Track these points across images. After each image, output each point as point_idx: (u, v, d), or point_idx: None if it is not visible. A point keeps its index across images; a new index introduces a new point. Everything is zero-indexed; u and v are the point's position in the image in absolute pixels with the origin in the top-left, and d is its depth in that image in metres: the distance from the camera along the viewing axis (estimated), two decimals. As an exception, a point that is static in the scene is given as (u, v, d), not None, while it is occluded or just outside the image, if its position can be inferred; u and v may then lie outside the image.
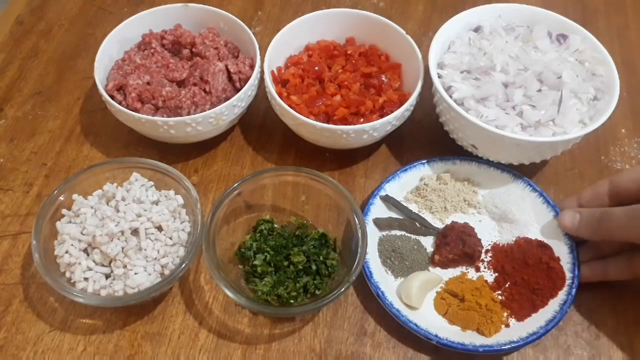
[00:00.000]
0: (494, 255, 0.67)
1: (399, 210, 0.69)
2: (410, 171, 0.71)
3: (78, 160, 0.76)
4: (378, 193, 0.69)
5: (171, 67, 0.75)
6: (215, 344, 0.62)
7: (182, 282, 0.65)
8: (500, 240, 0.68)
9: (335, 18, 0.79)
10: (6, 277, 0.65)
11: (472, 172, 0.72)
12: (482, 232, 0.68)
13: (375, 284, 0.62)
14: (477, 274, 0.66)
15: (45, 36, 0.90)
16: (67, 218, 0.63)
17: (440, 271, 0.66)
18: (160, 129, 0.68)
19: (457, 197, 0.70)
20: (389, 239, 0.66)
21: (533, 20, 0.77)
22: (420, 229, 0.68)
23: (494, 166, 0.71)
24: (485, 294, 0.63)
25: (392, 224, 0.68)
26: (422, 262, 0.66)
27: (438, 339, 0.58)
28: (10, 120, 0.80)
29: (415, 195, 0.71)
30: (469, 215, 0.70)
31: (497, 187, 0.71)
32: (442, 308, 0.63)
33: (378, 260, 0.65)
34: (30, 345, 0.61)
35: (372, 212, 0.67)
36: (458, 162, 0.72)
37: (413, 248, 0.66)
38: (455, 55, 0.74)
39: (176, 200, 0.65)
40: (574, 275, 0.63)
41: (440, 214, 0.70)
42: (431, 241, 0.68)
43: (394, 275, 0.65)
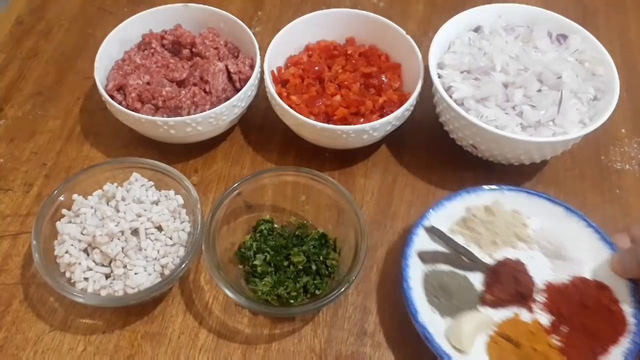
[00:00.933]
0: (549, 295, 0.62)
1: (444, 242, 0.64)
2: (455, 200, 0.66)
3: (78, 160, 0.76)
4: (422, 223, 0.64)
5: (171, 67, 0.75)
6: (215, 344, 0.62)
7: (182, 282, 0.65)
8: (554, 279, 0.63)
9: (335, 18, 0.79)
10: (6, 277, 0.65)
11: (521, 203, 0.67)
12: (533, 270, 0.63)
13: (422, 324, 0.57)
14: (530, 316, 0.61)
15: (45, 36, 0.90)
16: (67, 218, 0.63)
17: (490, 311, 0.61)
18: (160, 129, 0.68)
19: (506, 231, 0.65)
20: (435, 275, 0.62)
21: (533, 20, 0.77)
22: (467, 264, 0.63)
23: (544, 198, 0.66)
24: (541, 339, 0.58)
25: (438, 258, 0.63)
26: (471, 301, 0.61)
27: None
28: (10, 120, 0.80)
29: (462, 227, 0.66)
30: (519, 250, 0.65)
31: (548, 221, 0.66)
32: (495, 353, 0.58)
33: (424, 298, 0.60)
34: (30, 345, 0.61)
35: (415, 243, 0.62)
36: (506, 191, 0.67)
37: (461, 285, 0.62)
38: (455, 55, 0.74)
39: (176, 200, 0.65)
40: (638, 320, 0.58)
41: (489, 248, 0.65)
42: (479, 277, 0.63)
43: (440, 314, 0.60)
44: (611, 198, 0.74)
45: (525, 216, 0.66)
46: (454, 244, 0.64)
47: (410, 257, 0.61)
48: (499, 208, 0.66)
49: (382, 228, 0.70)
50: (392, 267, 0.67)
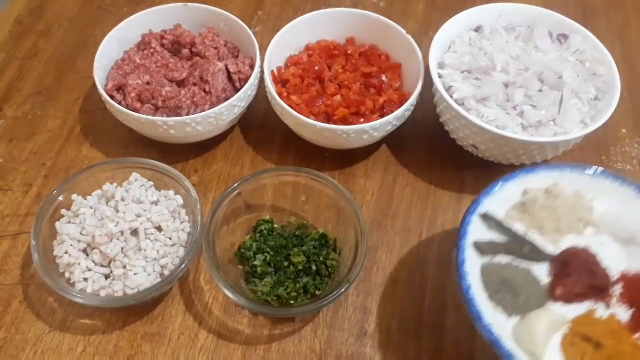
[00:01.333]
0: (626, 285, 0.55)
1: (501, 231, 0.58)
2: (512, 182, 0.59)
3: (77, 160, 0.76)
4: (476, 209, 0.57)
5: (171, 66, 0.75)
6: (215, 344, 0.61)
7: (181, 282, 0.65)
8: (630, 267, 0.56)
9: (335, 18, 0.79)
10: (5, 277, 0.65)
11: (584, 185, 0.60)
12: (605, 258, 0.57)
13: (487, 327, 0.49)
14: (607, 311, 0.54)
15: (44, 36, 0.90)
16: (66, 218, 0.63)
17: (561, 308, 0.54)
18: (159, 128, 0.68)
19: (571, 215, 0.59)
20: (494, 268, 0.55)
21: (533, 20, 0.76)
22: (529, 254, 0.57)
23: (612, 177, 0.60)
24: (624, 338, 0.51)
25: (497, 248, 0.56)
26: (539, 297, 0.54)
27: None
28: (9, 120, 0.79)
29: (520, 212, 0.60)
30: (586, 236, 0.58)
31: (617, 203, 0.59)
32: (574, 357, 0.51)
33: (484, 295, 0.53)
34: (29, 345, 0.61)
35: (470, 233, 0.56)
36: (567, 171, 0.60)
37: (526, 279, 0.55)
38: (456, 55, 0.73)
39: (176, 201, 0.65)
40: None
41: (552, 235, 0.58)
42: (544, 269, 0.56)
43: (506, 313, 0.53)
44: (612, 198, 0.74)
45: (589, 199, 0.60)
46: (513, 233, 0.58)
47: (466, 249, 0.54)
48: (561, 191, 0.60)
49: (382, 228, 0.70)
50: (392, 267, 0.67)
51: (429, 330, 0.63)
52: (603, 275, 0.55)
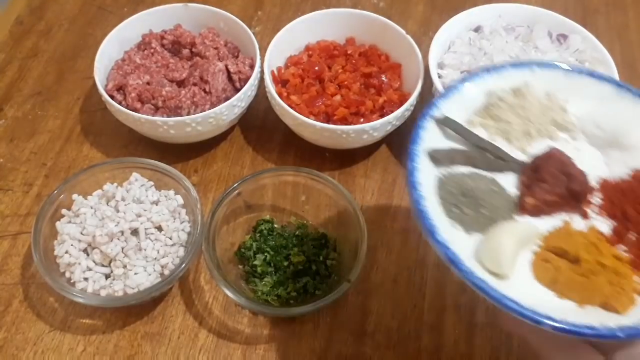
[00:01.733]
0: (606, 195, 0.48)
1: (462, 137, 0.49)
2: (472, 82, 0.51)
3: (78, 160, 0.76)
4: (430, 112, 0.49)
5: (171, 67, 0.75)
6: (215, 344, 0.61)
7: (182, 282, 0.65)
8: (610, 174, 0.49)
9: (335, 18, 0.79)
10: (6, 277, 0.65)
11: (558, 84, 0.52)
12: (581, 165, 0.48)
13: (443, 242, 0.42)
14: (585, 223, 0.46)
15: (45, 36, 0.90)
16: (66, 218, 0.63)
17: (532, 220, 0.46)
18: (160, 128, 0.68)
19: (543, 118, 0.51)
20: (454, 179, 0.47)
21: (533, 20, 0.77)
22: (495, 162, 0.49)
23: (588, 74, 0.52)
24: (606, 251, 0.44)
25: (456, 157, 0.48)
26: (506, 209, 0.46)
27: (554, 323, 0.38)
28: (10, 120, 0.79)
29: (484, 117, 0.51)
30: (559, 141, 0.51)
31: (594, 103, 0.52)
32: (547, 275, 0.43)
33: (441, 210, 0.45)
34: (30, 345, 0.61)
35: (423, 139, 0.47)
36: (537, 68, 0.53)
37: (491, 190, 0.47)
38: (456, 55, 0.74)
39: (176, 200, 0.65)
40: None
41: (521, 140, 0.50)
42: (511, 179, 0.48)
43: (465, 230, 0.45)
44: (611, 198, 0.74)
45: (562, 99, 0.52)
46: (476, 138, 0.49)
47: (418, 157, 0.46)
48: (532, 90, 0.52)
49: (382, 228, 0.70)
50: (392, 267, 0.67)
51: (429, 330, 0.63)
52: (580, 178, 0.47)
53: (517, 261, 0.44)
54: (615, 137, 0.50)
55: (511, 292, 0.40)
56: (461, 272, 0.41)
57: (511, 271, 0.43)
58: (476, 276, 0.40)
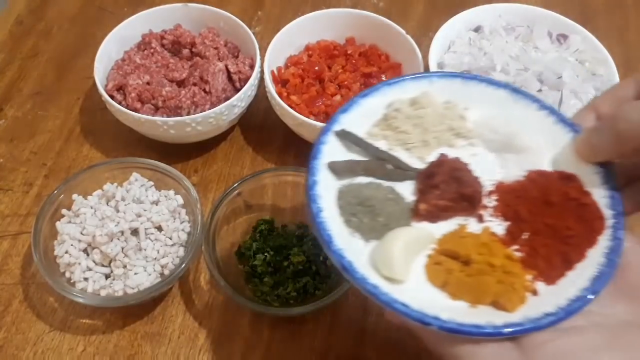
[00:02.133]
0: (501, 197, 0.49)
1: (362, 149, 0.50)
2: (373, 96, 0.52)
3: (78, 160, 0.76)
4: (331, 128, 0.50)
5: (171, 67, 0.75)
6: (215, 344, 0.61)
7: (182, 282, 0.65)
8: (506, 177, 0.50)
9: (335, 18, 0.79)
10: (6, 277, 0.65)
11: (456, 92, 0.53)
12: (479, 169, 0.50)
13: (338, 252, 0.42)
14: (480, 225, 0.47)
15: (45, 36, 0.90)
16: (66, 218, 0.63)
17: (428, 226, 0.47)
18: (160, 128, 0.68)
19: (440, 126, 0.52)
20: (352, 190, 0.48)
21: (533, 20, 0.77)
22: (393, 172, 0.50)
23: (485, 81, 0.54)
24: (498, 251, 0.45)
25: (355, 168, 0.49)
26: (402, 216, 0.47)
27: (441, 323, 0.40)
28: (10, 120, 0.79)
29: (383, 128, 0.52)
30: (457, 148, 0.52)
31: (491, 108, 0.53)
32: (439, 277, 0.45)
33: (339, 220, 0.46)
34: (30, 345, 0.61)
35: (324, 154, 0.48)
36: (436, 78, 0.53)
37: (388, 198, 0.48)
38: (456, 55, 0.74)
39: (176, 200, 0.65)
40: (617, 212, 0.45)
41: (420, 150, 0.51)
42: (409, 187, 0.49)
43: (363, 239, 0.46)
44: (611, 198, 0.74)
45: (461, 107, 0.53)
46: (374, 149, 0.50)
47: (319, 171, 0.47)
48: (429, 100, 0.53)
49: (382, 228, 0.70)
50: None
51: (429, 330, 0.63)
52: (472, 182, 0.48)
53: (411, 265, 0.45)
54: (509, 140, 0.51)
55: (403, 295, 0.41)
56: (354, 280, 0.42)
57: (405, 275, 0.44)
58: (368, 282, 0.41)
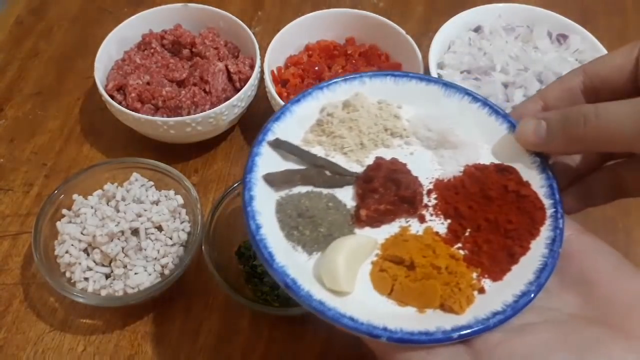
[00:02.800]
0: (440, 195, 0.48)
1: (298, 157, 0.49)
2: (306, 101, 0.51)
3: (78, 160, 0.76)
4: (265, 138, 0.48)
5: (171, 67, 0.75)
6: (215, 343, 0.62)
7: (182, 282, 0.65)
8: (444, 174, 0.50)
9: (335, 18, 0.79)
10: (6, 277, 0.65)
11: (389, 91, 0.53)
12: (417, 168, 0.49)
13: (281, 270, 0.41)
14: (422, 226, 0.47)
15: (45, 36, 0.90)
16: (67, 218, 0.64)
17: (371, 232, 0.46)
18: (160, 129, 0.68)
19: (375, 127, 0.52)
20: (291, 201, 0.46)
21: (533, 20, 0.77)
22: (332, 178, 0.49)
23: (416, 78, 0.53)
24: (441, 252, 0.44)
25: (292, 178, 0.47)
26: (344, 224, 0.46)
27: (390, 334, 0.39)
28: (10, 120, 0.80)
29: (318, 134, 0.51)
30: (394, 148, 0.51)
31: (425, 105, 0.53)
32: (385, 285, 0.43)
33: (280, 234, 0.45)
34: (30, 345, 0.61)
35: (259, 166, 0.47)
36: (367, 79, 0.53)
37: (328, 206, 0.47)
38: (455, 55, 0.74)
39: (176, 200, 0.65)
40: (555, 200, 0.45)
41: (356, 153, 0.51)
42: (350, 193, 0.48)
43: (306, 252, 0.45)
44: (611, 198, 0.74)
45: (395, 106, 0.53)
46: (311, 156, 0.49)
47: (255, 185, 0.45)
48: (362, 101, 0.52)
49: (382, 228, 0.70)
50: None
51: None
52: (410, 183, 0.47)
53: (357, 275, 0.43)
54: (443, 137, 0.50)
55: (350, 308, 0.40)
56: (299, 298, 0.40)
57: (351, 286, 0.42)
58: (314, 299, 0.40)
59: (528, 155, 0.48)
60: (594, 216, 0.66)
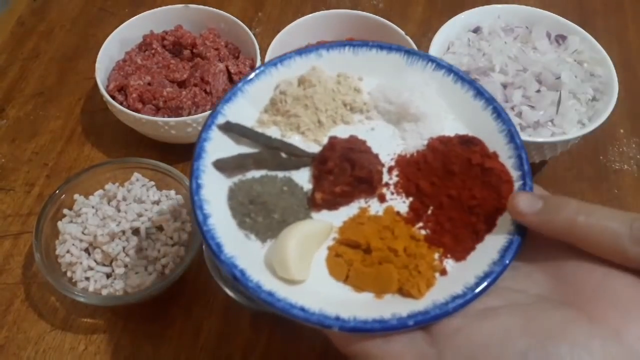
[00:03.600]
0: (402, 171, 0.45)
1: (252, 140, 0.46)
2: (259, 79, 0.47)
3: (79, 161, 0.76)
4: (214, 121, 0.45)
5: (172, 67, 0.76)
6: (215, 344, 0.62)
7: (182, 282, 0.66)
8: (407, 149, 0.47)
9: (335, 19, 0.80)
10: (7, 276, 0.66)
11: (348, 63, 0.50)
12: (378, 144, 0.46)
13: (229, 262, 0.39)
14: (382, 206, 0.44)
15: (46, 37, 0.90)
16: (68, 218, 0.64)
17: (329, 214, 0.44)
18: (161, 129, 0.69)
19: (333, 103, 0.48)
20: (242, 187, 0.44)
21: (532, 21, 0.77)
22: (288, 160, 0.46)
23: (376, 47, 0.49)
24: (401, 233, 0.42)
25: (244, 162, 0.45)
26: (300, 209, 0.44)
27: (341, 323, 0.36)
28: (11, 120, 0.80)
29: (273, 114, 0.48)
30: (354, 124, 0.48)
31: (387, 76, 0.49)
32: (340, 270, 0.41)
33: (232, 222, 0.42)
34: (31, 344, 0.61)
35: (208, 152, 0.44)
36: (325, 52, 0.49)
37: (282, 191, 0.44)
38: (455, 56, 0.74)
39: (177, 200, 0.65)
40: (523, 172, 0.42)
41: (314, 132, 0.48)
42: (307, 175, 0.46)
43: (260, 239, 0.42)
44: (610, 198, 0.74)
45: (356, 78, 0.50)
46: (265, 138, 0.46)
47: (203, 172, 0.42)
48: (319, 75, 0.49)
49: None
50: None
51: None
52: (367, 162, 0.44)
53: (311, 262, 0.41)
54: (405, 110, 0.47)
55: (302, 298, 0.38)
56: (248, 289, 0.38)
57: (304, 275, 0.40)
58: (263, 290, 0.38)
59: (496, 124, 0.45)
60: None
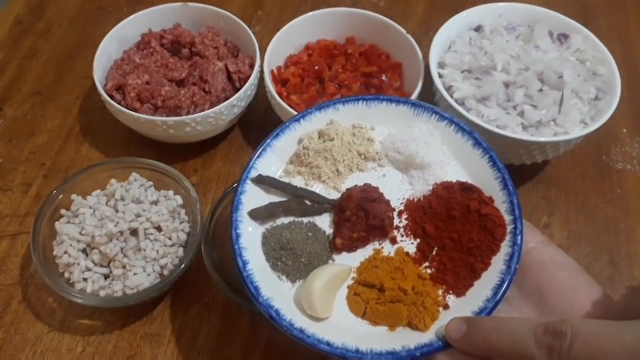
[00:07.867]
0: (410, 215, 0.51)
1: (280, 190, 0.53)
2: (284, 135, 0.55)
3: (77, 160, 0.75)
4: (248, 175, 0.53)
5: (170, 66, 0.75)
6: (215, 344, 0.61)
7: (181, 282, 0.65)
8: (414, 193, 0.53)
9: (335, 17, 0.79)
10: (5, 277, 0.65)
11: (362, 114, 0.57)
12: (389, 190, 0.53)
13: (266, 303, 0.46)
14: (394, 247, 0.51)
15: (44, 36, 0.89)
16: (65, 218, 0.63)
17: (348, 256, 0.51)
18: (159, 128, 0.68)
19: (349, 154, 0.55)
20: (274, 233, 0.51)
21: (534, 19, 0.76)
22: (311, 207, 0.53)
23: (386, 100, 0.56)
24: (410, 273, 0.48)
25: (274, 211, 0.52)
26: (323, 252, 0.51)
27: (360, 356, 0.44)
28: (9, 120, 0.79)
29: (298, 164, 0.55)
30: (368, 172, 0.55)
31: (395, 126, 0.56)
32: (358, 308, 0.48)
33: (266, 266, 0.50)
34: (29, 345, 0.61)
35: (244, 203, 0.52)
36: (340, 105, 0.57)
37: (308, 237, 0.51)
38: (456, 54, 0.73)
39: (175, 200, 0.65)
40: (515, 216, 0.48)
41: (334, 180, 0.55)
42: (328, 219, 0.53)
43: (290, 280, 0.50)
44: (612, 198, 0.74)
45: (368, 128, 0.57)
46: (292, 188, 0.53)
47: (241, 222, 0.50)
48: (336, 129, 0.56)
49: (383, 228, 0.70)
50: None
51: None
52: (380, 211, 0.50)
53: (334, 300, 0.48)
54: (412, 159, 0.53)
55: (328, 332, 0.45)
56: (282, 328, 0.45)
57: (328, 312, 0.47)
58: (295, 328, 0.45)
59: (492, 171, 0.51)
60: (596, 217, 0.66)
